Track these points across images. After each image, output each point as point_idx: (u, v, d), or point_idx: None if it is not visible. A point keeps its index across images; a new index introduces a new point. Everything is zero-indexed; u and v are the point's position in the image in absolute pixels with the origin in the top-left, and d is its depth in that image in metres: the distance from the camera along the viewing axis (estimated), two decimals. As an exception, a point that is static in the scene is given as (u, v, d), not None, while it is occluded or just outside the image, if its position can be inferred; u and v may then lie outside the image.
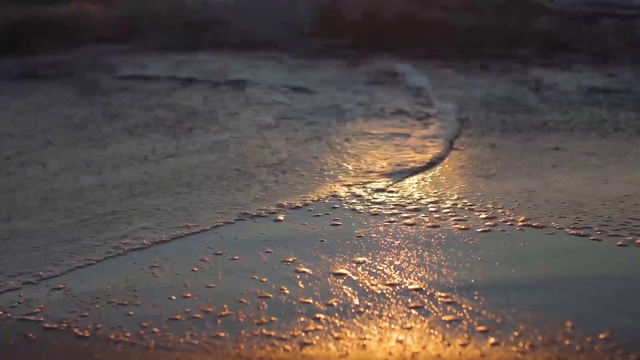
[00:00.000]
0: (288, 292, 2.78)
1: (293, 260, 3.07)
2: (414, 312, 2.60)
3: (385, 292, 2.75)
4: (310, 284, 2.84)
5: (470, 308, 2.60)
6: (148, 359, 2.39)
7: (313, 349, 2.40)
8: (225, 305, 2.69)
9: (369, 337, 2.46)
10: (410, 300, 2.68)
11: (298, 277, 2.91)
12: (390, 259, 3.04)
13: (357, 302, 2.68)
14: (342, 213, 3.62)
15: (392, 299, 2.69)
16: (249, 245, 3.25)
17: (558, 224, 3.38)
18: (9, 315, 2.67)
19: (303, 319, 2.58)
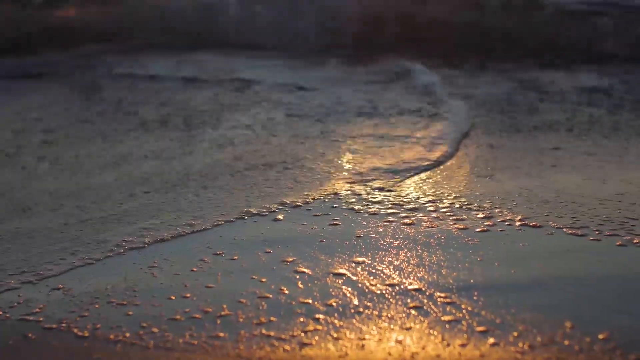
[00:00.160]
0: (287, 292, 2.78)
1: (292, 261, 3.07)
2: (414, 312, 2.60)
3: (385, 292, 2.75)
4: (310, 284, 2.84)
5: (470, 308, 2.61)
6: (147, 359, 2.39)
7: (312, 349, 2.41)
8: (225, 306, 2.69)
9: (369, 337, 2.46)
10: (410, 301, 2.68)
11: (297, 277, 2.91)
12: (390, 259, 3.04)
13: (356, 302, 2.68)
14: (341, 213, 3.62)
15: (391, 299, 2.69)
16: (249, 245, 3.25)
17: (556, 224, 3.38)
18: (9, 316, 2.67)
19: (302, 319, 2.58)
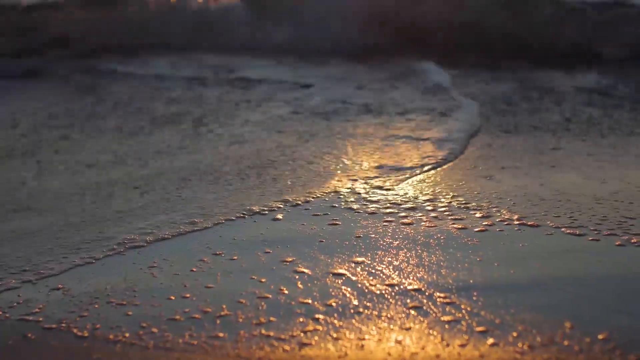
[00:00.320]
0: (287, 292, 2.78)
1: (292, 261, 3.07)
2: (413, 312, 2.61)
3: (384, 292, 2.75)
4: (309, 284, 2.84)
5: (469, 308, 2.61)
6: (147, 359, 2.39)
7: (312, 350, 2.41)
8: (224, 306, 2.69)
9: (368, 337, 2.46)
10: (409, 301, 2.68)
11: (297, 277, 2.91)
12: (389, 259, 3.04)
13: (356, 302, 2.68)
14: (341, 212, 3.62)
15: (391, 300, 2.70)
16: (248, 246, 3.25)
17: (553, 223, 3.38)
18: (8, 316, 2.67)
19: (302, 319, 2.58)
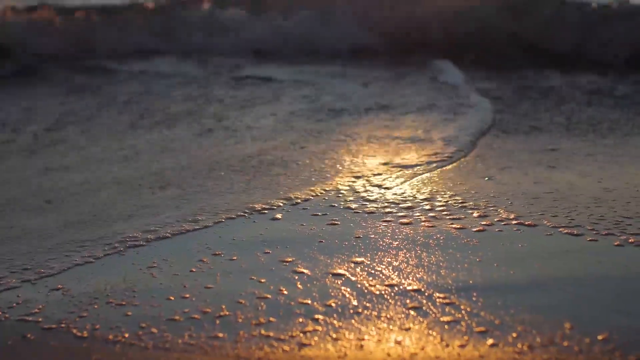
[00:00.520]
0: (286, 292, 2.78)
1: (291, 261, 3.07)
2: (413, 313, 2.60)
3: (384, 292, 2.75)
4: (309, 285, 2.84)
5: (469, 309, 2.61)
6: (147, 360, 2.39)
7: (311, 350, 2.41)
8: (224, 306, 2.69)
9: (368, 338, 2.46)
10: (409, 301, 2.68)
11: (296, 277, 2.91)
12: (389, 260, 3.04)
13: (355, 302, 2.68)
14: (341, 212, 3.61)
15: (390, 300, 2.69)
16: (248, 246, 3.25)
17: (551, 223, 3.38)
18: (8, 316, 2.67)
19: (301, 320, 2.58)
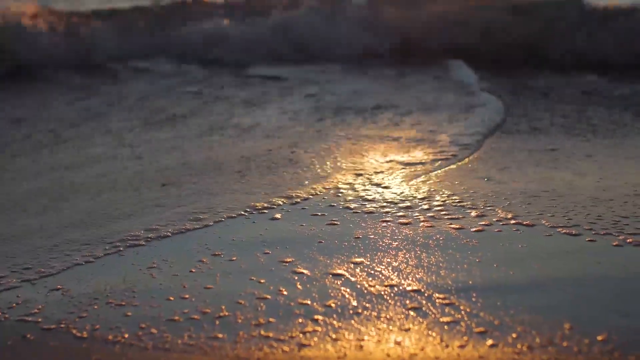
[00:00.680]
0: (286, 293, 2.78)
1: (291, 261, 3.07)
2: (412, 313, 2.60)
3: (384, 293, 2.75)
4: (309, 285, 2.84)
5: (468, 309, 2.61)
6: (146, 360, 2.39)
7: (311, 350, 2.41)
8: (224, 306, 2.69)
9: (367, 338, 2.46)
10: (409, 302, 2.68)
11: (296, 278, 2.91)
12: (388, 260, 3.04)
13: (355, 303, 2.68)
14: (340, 213, 3.61)
15: (390, 300, 2.70)
16: (247, 246, 3.25)
17: (549, 223, 3.39)
18: (7, 316, 2.67)
19: (301, 320, 2.58)
